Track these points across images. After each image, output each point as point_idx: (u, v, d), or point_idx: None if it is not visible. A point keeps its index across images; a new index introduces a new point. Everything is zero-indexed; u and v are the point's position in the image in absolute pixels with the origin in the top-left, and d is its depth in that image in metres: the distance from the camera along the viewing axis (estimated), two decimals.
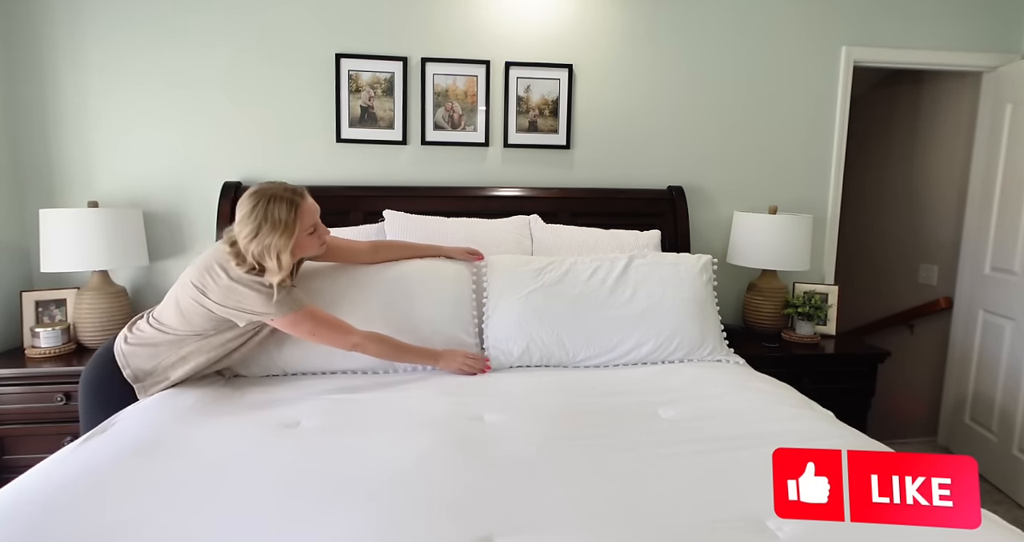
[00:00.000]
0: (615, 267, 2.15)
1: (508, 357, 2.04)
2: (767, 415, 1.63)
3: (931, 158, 3.32)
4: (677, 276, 2.17)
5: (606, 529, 1.10)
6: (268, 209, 1.62)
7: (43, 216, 2.22)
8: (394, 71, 2.55)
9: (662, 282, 2.14)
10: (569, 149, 2.70)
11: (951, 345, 3.12)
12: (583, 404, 1.72)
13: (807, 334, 2.59)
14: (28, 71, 2.38)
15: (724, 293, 2.86)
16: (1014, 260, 2.71)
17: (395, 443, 1.43)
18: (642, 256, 2.22)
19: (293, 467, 1.31)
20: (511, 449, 1.42)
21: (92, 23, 2.39)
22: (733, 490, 1.24)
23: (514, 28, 2.60)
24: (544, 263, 2.15)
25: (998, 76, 2.85)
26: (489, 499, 1.19)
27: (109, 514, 1.12)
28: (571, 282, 2.10)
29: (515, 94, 2.63)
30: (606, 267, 2.15)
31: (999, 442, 2.78)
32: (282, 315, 1.69)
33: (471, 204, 2.56)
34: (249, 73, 2.49)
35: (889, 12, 2.78)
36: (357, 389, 1.82)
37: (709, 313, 2.17)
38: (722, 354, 2.16)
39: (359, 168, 2.60)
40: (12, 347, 2.35)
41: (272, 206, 1.63)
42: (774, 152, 2.82)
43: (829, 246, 2.90)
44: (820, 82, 2.80)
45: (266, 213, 1.62)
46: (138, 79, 2.43)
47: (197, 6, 2.43)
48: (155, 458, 1.34)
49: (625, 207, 2.66)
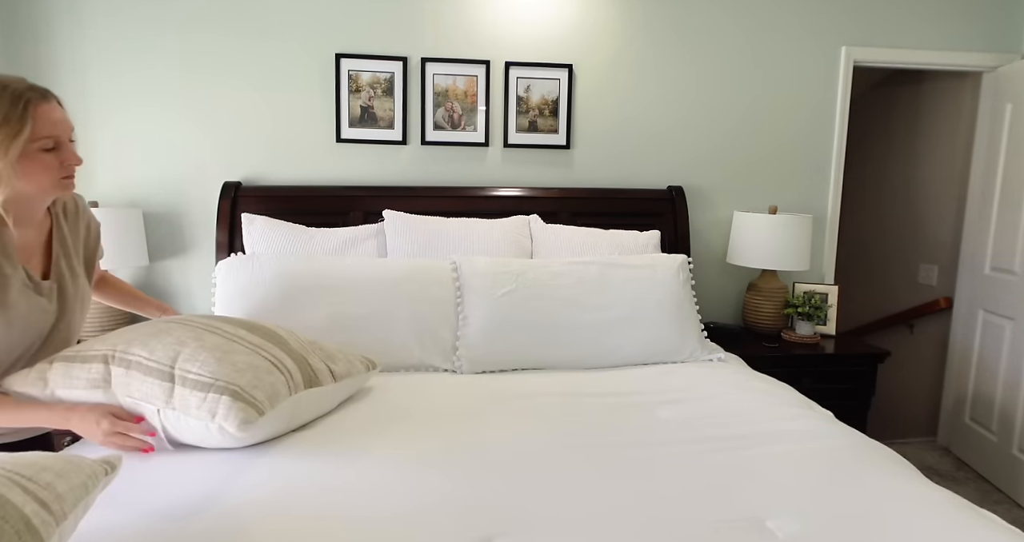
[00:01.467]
0: (590, 269, 2.15)
1: (485, 360, 2.01)
2: (766, 415, 1.63)
3: (931, 158, 3.32)
4: (654, 277, 2.17)
5: (606, 529, 1.10)
6: None
7: None
8: (394, 71, 2.55)
9: (639, 283, 2.14)
10: (569, 149, 2.70)
11: (951, 345, 3.12)
12: (582, 405, 1.71)
13: (807, 334, 2.59)
14: (28, 72, 2.38)
15: (724, 293, 2.87)
16: (1014, 260, 2.71)
17: (394, 444, 1.43)
18: (617, 258, 2.23)
19: (295, 466, 1.32)
20: (510, 449, 1.42)
21: (92, 23, 2.39)
22: (733, 490, 1.24)
23: (514, 28, 2.60)
24: (521, 266, 2.14)
25: (998, 76, 2.85)
26: (489, 500, 1.19)
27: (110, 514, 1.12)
28: (547, 285, 2.09)
29: (515, 94, 2.63)
30: (581, 269, 2.15)
31: (999, 442, 2.78)
32: None
33: (471, 204, 2.56)
34: (249, 73, 2.49)
35: (889, 12, 2.78)
36: (354, 395, 1.82)
37: (688, 313, 2.17)
38: (709, 353, 2.17)
39: (359, 168, 2.60)
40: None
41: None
42: (774, 152, 2.82)
43: (829, 246, 2.90)
44: (820, 82, 2.80)
45: None
46: (138, 79, 2.43)
47: (197, 7, 2.43)
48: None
49: (625, 207, 2.66)
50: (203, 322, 1.47)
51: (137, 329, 1.43)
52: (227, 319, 1.54)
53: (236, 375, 1.32)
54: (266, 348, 1.45)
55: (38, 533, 0.81)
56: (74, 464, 0.94)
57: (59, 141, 1.26)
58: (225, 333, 1.44)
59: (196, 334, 1.39)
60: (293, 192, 2.48)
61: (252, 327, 1.53)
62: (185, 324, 1.44)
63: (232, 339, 1.42)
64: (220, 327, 1.46)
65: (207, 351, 1.35)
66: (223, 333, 1.43)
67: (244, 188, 2.48)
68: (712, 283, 2.84)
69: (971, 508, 1.19)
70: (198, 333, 1.40)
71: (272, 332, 1.55)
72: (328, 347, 1.67)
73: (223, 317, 1.56)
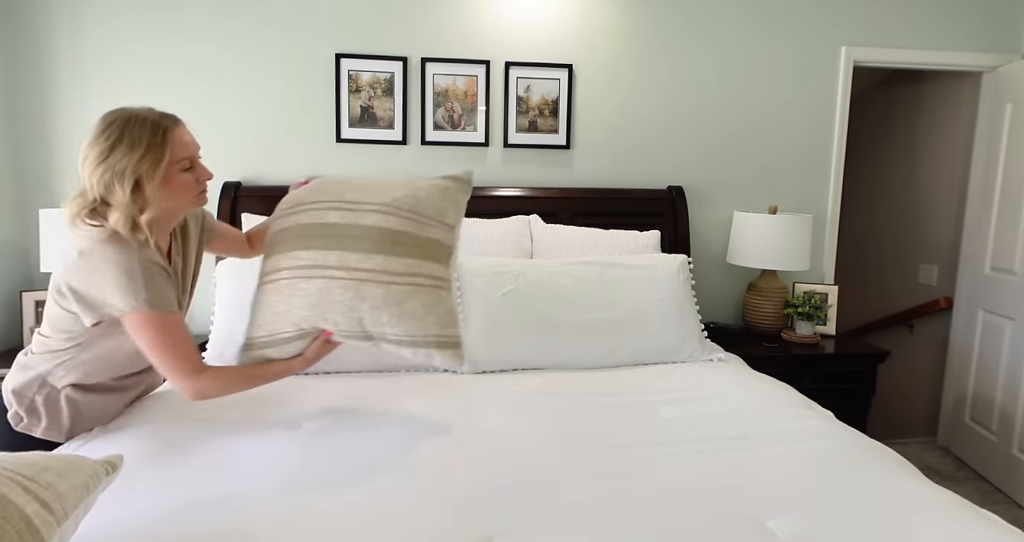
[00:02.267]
0: (590, 269, 2.15)
1: (485, 360, 2.00)
2: (767, 415, 1.63)
3: (931, 158, 3.32)
4: (654, 277, 2.17)
5: (606, 529, 1.10)
6: (127, 127, 1.26)
7: (43, 216, 2.22)
8: (394, 71, 2.55)
9: (639, 283, 2.14)
10: (569, 149, 2.70)
11: (951, 345, 3.12)
12: (582, 404, 1.72)
13: (807, 334, 2.59)
14: (29, 72, 2.38)
15: (724, 293, 2.87)
16: (1014, 260, 2.71)
17: (395, 444, 1.44)
18: (617, 258, 2.23)
19: (296, 466, 1.32)
20: (511, 449, 1.42)
21: (92, 23, 2.39)
22: (733, 490, 1.24)
23: (514, 28, 2.60)
24: (521, 266, 2.14)
25: (998, 76, 2.85)
26: (490, 499, 1.19)
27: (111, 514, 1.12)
28: (547, 285, 2.09)
29: (515, 94, 2.63)
30: (581, 269, 2.14)
31: (999, 442, 2.78)
32: (137, 307, 1.25)
33: (471, 204, 2.49)
34: (249, 73, 2.49)
35: (889, 12, 2.78)
36: (354, 395, 1.82)
37: (688, 313, 2.17)
38: (710, 353, 2.17)
39: (359, 168, 2.60)
40: (12, 347, 2.35)
41: (133, 124, 1.27)
42: (774, 152, 2.82)
43: (829, 246, 2.90)
44: (820, 82, 2.80)
45: (123, 132, 1.26)
46: (138, 79, 2.43)
47: (197, 6, 2.43)
48: (154, 459, 1.34)
49: (625, 207, 2.66)
50: (330, 260, 1.40)
51: (286, 286, 1.41)
52: (333, 236, 1.42)
53: (424, 327, 1.41)
54: (411, 268, 1.42)
55: (39, 533, 0.81)
56: (75, 464, 0.94)
57: (193, 160, 1.38)
58: (368, 273, 1.39)
59: (348, 286, 1.39)
60: None
61: (361, 240, 1.42)
62: (324, 272, 1.39)
63: (382, 281, 1.39)
64: (354, 265, 1.40)
65: (383, 309, 1.39)
66: (369, 275, 1.39)
67: (244, 188, 2.48)
68: (712, 283, 2.84)
69: (971, 508, 1.19)
70: (346, 285, 1.39)
71: (379, 235, 1.42)
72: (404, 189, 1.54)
73: (323, 231, 1.43)
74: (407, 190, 1.52)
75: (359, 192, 1.49)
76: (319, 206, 1.46)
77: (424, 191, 1.53)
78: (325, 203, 1.46)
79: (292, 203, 1.51)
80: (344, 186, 1.51)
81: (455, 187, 1.60)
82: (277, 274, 1.43)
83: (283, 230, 1.47)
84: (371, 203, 1.46)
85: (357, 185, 1.52)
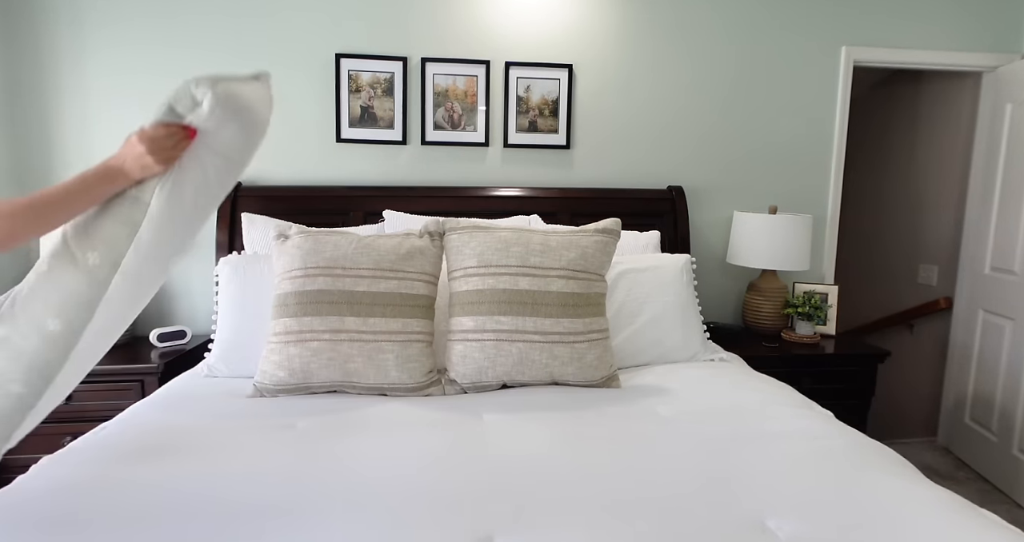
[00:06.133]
0: None
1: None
2: (767, 415, 1.63)
3: (931, 158, 3.32)
4: (658, 277, 2.17)
5: (606, 528, 1.10)
6: None
7: None
8: (394, 71, 2.55)
9: (643, 284, 2.14)
10: (569, 149, 2.70)
11: (951, 345, 3.12)
12: (582, 404, 1.72)
13: (807, 334, 2.59)
14: (29, 72, 2.38)
15: (724, 293, 2.87)
16: (1014, 260, 2.71)
17: (396, 444, 1.44)
18: (621, 258, 2.23)
19: (293, 467, 1.31)
20: (511, 448, 1.42)
21: (93, 24, 2.39)
22: (733, 489, 1.24)
23: (514, 28, 2.60)
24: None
25: (998, 76, 2.85)
26: (490, 499, 1.19)
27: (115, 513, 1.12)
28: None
29: (515, 94, 2.63)
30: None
31: (999, 442, 2.78)
32: None
33: (471, 204, 2.56)
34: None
35: (889, 12, 2.78)
36: (354, 395, 1.82)
37: (691, 313, 2.17)
38: (712, 353, 2.17)
39: (359, 168, 2.60)
40: None
41: None
42: (774, 152, 2.82)
43: (829, 246, 2.90)
44: (820, 82, 2.80)
45: None
46: (139, 79, 2.43)
47: (197, 6, 2.43)
48: (154, 459, 1.34)
49: (625, 207, 2.66)
50: (528, 326, 1.79)
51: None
52: None
53: (598, 373, 1.84)
54: (588, 326, 1.84)
55: None
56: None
57: None
58: (559, 335, 1.81)
59: (543, 349, 1.80)
60: (293, 192, 2.48)
61: (551, 306, 1.80)
62: (524, 337, 1.79)
63: (567, 341, 1.81)
64: (548, 330, 1.79)
65: (568, 364, 1.81)
66: (559, 338, 1.82)
67: (244, 188, 2.48)
68: (712, 283, 2.85)
69: (971, 508, 1.19)
70: (542, 348, 1.80)
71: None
72: None
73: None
74: (575, 251, 1.83)
75: (539, 256, 1.81)
76: (511, 271, 1.79)
77: (589, 249, 1.85)
78: (515, 268, 1.79)
79: (479, 261, 1.82)
80: (524, 249, 1.81)
81: (611, 240, 1.91)
82: (483, 334, 1.76)
83: (479, 291, 1.78)
84: (553, 268, 1.80)
85: (536, 248, 1.82)
